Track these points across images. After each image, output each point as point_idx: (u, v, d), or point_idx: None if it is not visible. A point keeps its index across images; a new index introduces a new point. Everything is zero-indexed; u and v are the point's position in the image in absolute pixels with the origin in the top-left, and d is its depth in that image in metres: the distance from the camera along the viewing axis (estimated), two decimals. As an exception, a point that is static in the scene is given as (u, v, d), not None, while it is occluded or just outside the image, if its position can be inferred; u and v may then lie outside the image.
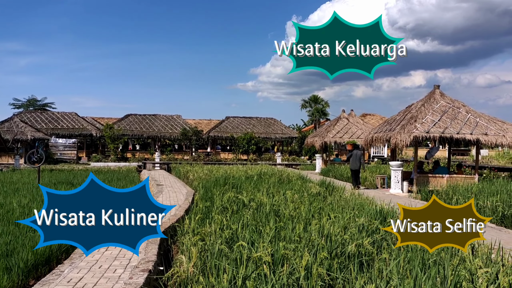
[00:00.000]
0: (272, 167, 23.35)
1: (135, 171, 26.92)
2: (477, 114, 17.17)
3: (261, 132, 44.88)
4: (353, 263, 5.38)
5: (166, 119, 45.98)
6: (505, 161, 32.64)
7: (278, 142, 48.60)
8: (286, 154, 43.69)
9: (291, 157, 41.67)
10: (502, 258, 5.23)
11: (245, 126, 45.90)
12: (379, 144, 19.59)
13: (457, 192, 12.95)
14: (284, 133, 46.04)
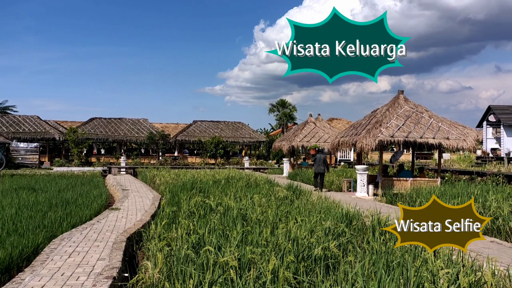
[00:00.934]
0: (240, 171, 23.34)
1: (99, 175, 26.37)
2: (439, 119, 17.65)
3: (229, 136, 44.80)
4: (319, 266, 5.42)
5: (132, 122, 45.31)
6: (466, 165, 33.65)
7: (246, 146, 48.66)
8: (254, 158, 43.76)
9: (259, 161, 41.76)
10: (463, 259, 5.38)
11: (213, 130, 45.72)
12: (345, 148, 19.88)
13: (420, 195, 13.26)
14: (252, 137, 46.11)
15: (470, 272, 4.66)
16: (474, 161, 35.82)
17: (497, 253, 7.30)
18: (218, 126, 47.05)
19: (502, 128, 37.35)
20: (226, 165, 36.41)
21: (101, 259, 6.45)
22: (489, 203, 10.48)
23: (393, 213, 9.02)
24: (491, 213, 9.86)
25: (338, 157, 40.47)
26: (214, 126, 46.88)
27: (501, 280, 4.69)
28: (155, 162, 38.12)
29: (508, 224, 9.12)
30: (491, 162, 32.60)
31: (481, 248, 7.67)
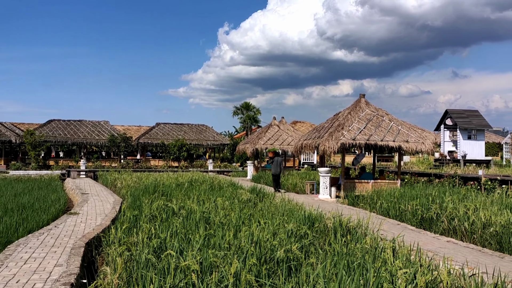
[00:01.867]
0: (203, 174, 23.19)
1: (58, 179, 25.59)
2: (399, 122, 18.10)
3: (192, 138, 44.47)
4: (282, 268, 5.43)
5: (92, 125, 44.29)
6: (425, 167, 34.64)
7: (210, 149, 48.41)
8: (218, 161, 43.60)
9: (223, 163, 41.65)
10: (420, 259, 5.51)
11: (176, 132, 45.27)
12: (308, 150, 20.09)
13: (381, 197, 13.55)
14: (216, 139, 45.94)
15: (427, 271, 4.77)
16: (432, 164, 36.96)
17: (453, 253, 7.53)
18: (182, 129, 46.65)
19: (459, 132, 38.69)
20: (190, 168, 36.12)
21: (59, 265, 6.25)
22: (446, 204, 10.80)
23: (355, 215, 9.16)
24: (447, 214, 10.16)
25: (302, 160, 40.85)
26: (178, 129, 46.44)
27: (456, 279, 4.83)
28: (116, 165, 37.37)
29: (464, 224, 9.43)
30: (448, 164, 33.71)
31: (438, 248, 7.90)
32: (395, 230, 9.56)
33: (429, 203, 11.24)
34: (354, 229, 8.00)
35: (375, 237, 7.11)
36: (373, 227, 8.24)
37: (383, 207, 12.69)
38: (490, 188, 17.28)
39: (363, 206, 14.19)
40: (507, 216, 9.11)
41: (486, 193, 14.72)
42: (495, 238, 8.50)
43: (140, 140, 43.17)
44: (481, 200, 11.42)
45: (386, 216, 12.07)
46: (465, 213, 9.88)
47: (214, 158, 44.36)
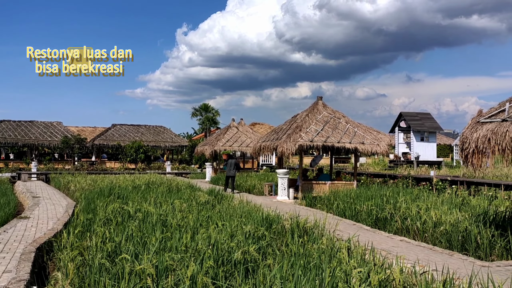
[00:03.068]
0: (161, 176, 22.87)
1: (8, 182, 24.54)
2: (355, 124, 18.49)
3: (150, 140, 43.81)
4: (239, 270, 5.41)
5: (44, 126, 42.81)
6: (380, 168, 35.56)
7: (168, 150, 47.83)
8: (176, 162, 43.13)
9: (181, 165, 41.22)
10: (374, 258, 5.64)
11: (133, 134, 44.45)
12: (267, 152, 20.19)
13: (337, 198, 13.78)
14: (174, 141, 45.43)
15: (380, 270, 4.89)
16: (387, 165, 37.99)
17: (406, 251, 7.76)
18: (139, 130, 45.85)
19: (412, 134, 39.98)
20: (147, 170, 35.51)
21: (7, 271, 5.99)
22: (399, 204, 11.11)
23: (312, 216, 9.27)
24: (401, 213, 10.45)
25: (261, 161, 41.02)
26: (135, 130, 45.62)
27: (408, 277, 4.97)
28: (70, 167, 36.25)
29: (416, 223, 9.72)
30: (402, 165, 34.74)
31: (391, 247, 8.11)
32: (351, 230, 9.74)
33: (384, 203, 11.53)
34: (311, 229, 8.09)
35: (331, 237, 7.22)
36: (329, 227, 8.37)
37: (339, 208, 12.91)
38: (441, 188, 17.93)
39: (320, 207, 14.39)
40: (456, 215, 9.47)
41: (437, 193, 15.26)
42: (445, 237, 8.82)
43: (95, 141, 42.09)
44: (433, 200, 11.82)
45: (342, 216, 12.28)
46: (417, 212, 10.20)
47: (172, 160, 43.84)
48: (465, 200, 12.65)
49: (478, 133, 7.45)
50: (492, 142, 7.15)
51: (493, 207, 11.03)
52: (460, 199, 12.74)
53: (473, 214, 9.65)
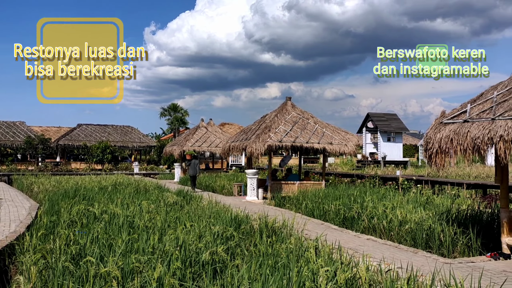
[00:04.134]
0: (129, 177, 22.53)
1: (-33, 184, 23.68)
2: (324, 125, 18.69)
3: (117, 140, 43.09)
4: (207, 271, 5.38)
5: (7, 126, 41.50)
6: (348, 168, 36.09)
7: (136, 151, 47.16)
8: (145, 163, 42.58)
9: (150, 166, 40.71)
10: (341, 257, 5.70)
11: (99, 134, 43.62)
12: (236, 152, 20.18)
13: (306, 198, 13.89)
14: (142, 141, 44.83)
15: (347, 269, 4.94)
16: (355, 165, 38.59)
17: (372, 250, 7.88)
18: (106, 130, 45.03)
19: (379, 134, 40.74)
20: (114, 171, 34.89)
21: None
22: (366, 203, 11.28)
23: (280, 216, 9.30)
24: (367, 213, 10.62)
25: (230, 162, 40.94)
26: (101, 130, 44.77)
27: (374, 275, 5.05)
28: (33, 168, 35.23)
29: (382, 222, 9.89)
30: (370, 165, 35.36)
31: (358, 246, 8.23)
32: (319, 229, 9.83)
33: (351, 203, 11.69)
34: (280, 229, 8.12)
35: (299, 237, 7.26)
36: (298, 227, 8.41)
37: (308, 208, 13.02)
38: (406, 188, 18.32)
39: (289, 207, 14.48)
40: (421, 213, 9.69)
41: (403, 192, 15.58)
42: (410, 235, 9.01)
43: (60, 142, 41.09)
44: (398, 199, 12.05)
45: (311, 216, 12.38)
46: (384, 211, 10.38)
47: (140, 161, 43.24)
48: (429, 199, 12.95)
49: (441, 133, 7.65)
50: (454, 142, 7.35)
51: (455, 206, 11.34)
52: (424, 198, 13.04)
53: (436, 212, 9.89)
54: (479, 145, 7.01)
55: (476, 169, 25.49)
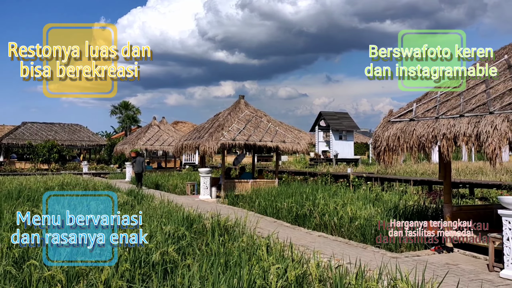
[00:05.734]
0: (77, 176, 21.81)
1: None
2: (277, 123, 18.83)
3: (65, 139, 41.65)
4: (157, 271, 5.28)
5: None
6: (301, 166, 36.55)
7: (85, 150, 45.79)
8: (94, 162, 41.39)
9: (100, 165, 39.63)
10: (293, 254, 5.75)
11: (46, 132, 42.01)
12: (189, 151, 19.99)
13: (259, 196, 13.94)
14: (91, 140, 43.56)
15: (297, 265, 4.99)
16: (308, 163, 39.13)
17: (323, 246, 8.02)
18: (53, 129, 43.42)
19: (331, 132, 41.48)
20: (62, 171, 33.68)
21: None
22: (318, 201, 11.45)
23: (233, 214, 9.28)
24: (319, 210, 10.78)
25: (183, 161, 40.51)
26: (48, 129, 43.13)
27: (324, 271, 5.13)
28: (-25, 168, 33.47)
29: (333, 219, 10.08)
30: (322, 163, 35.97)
31: (309, 243, 8.34)
32: (271, 227, 9.89)
33: (303, 200, 11.83)
34: (232, 228, 8.10)
35: (251, 235, 7.27)
36: (250, 225, 8.42)
37: (261, 206, 13.07)
38: (357, 185, 18.75)
39: (242, 205, 14.48)
40: (370, 210, 9.94)
41: (354, 189, 15.94)
42: (360, 231, 9.22)
43: (3, 140, 39.21)
44: (349, 196, 12.30)
45: (263, 214, 12.44)
46: (335, 208, 10.56)
47: (89, 160, 42.00)
48: (378, 196, 13.32)
49: (389, 131, 7.87)
50: (401, 140, 7.59)
51: (403, 202, 11.74)
52: (374, 194, 13.39)
53: (385, 208, 10.18)
54: (424, 143, 7.27)
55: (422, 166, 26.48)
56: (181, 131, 36.23)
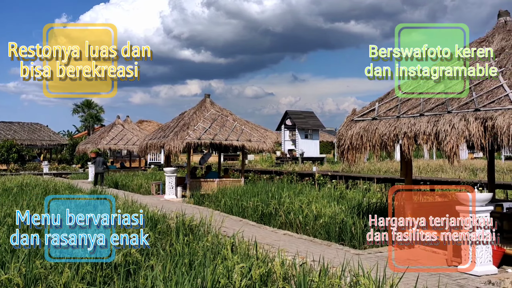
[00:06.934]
0: (37, 177, 21.18)
1: None
2: (243, 122, 18.83)
3: (24, 138, 40.36)
4: (119, 273, 5.17)
5: None
6: (267, 165, 36.72)
7: (45, 149, 44.51)
8: (55, 162, 40.28)
9: (61, 165, 38.60)
10: (257, 253, 5.75)
11: (4, 132, 40.60)
12: (154, 150, 19.73)
13: (225, 195, 13.90)
14: (52, 140, 42.39)
15: (262, 264, 5.00)
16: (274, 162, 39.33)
17: (288, 244, 8.06)
18: (11, 128, 42.00)
19: (297, 131, 41.86)
20: (21, 171, 32.61)
21: None
22: (284, 199, 11.52)
23: (198, 214, 9.22)
24: (284, 208, 10.84)
25: (149, 160, 39.96)
26: (6, 128, 41.69)
27: (289, 269, 5.16)
28: None
29: (298, 217, 10.15)
30: (288, 162, 36.26)
31: (274, 241, 8.37)
32: (237, 226, 9.87)
33: (269, 199, 11.87)
34: (197, 227, 8.04)
35: (217, 234, 7.24)
36: (216, 224, 8.38)
37: (227, 205, 13.04)
38: (322, 183, 18.99)
39: (208, 204, 14.41)
40: (334, 208, 10.08)
41: (319, 187, 16.13)
42: (324, 229, 9.33)
43: (-41, 140, 37.65)
44: (314, 194, 12.44)
45: (229, 213, 12.41)
46: (300, 207, 10.65)
47: (50, 160, 40.85)
48: (342, 194, 13.52)
49: (352, 130, 7.99)
50: (364, 139, 7.71)
51: (366, 199, 11.95)
52: (338, 192, 13.59)
53: (349, 206, 10.34)
54: (386, 142, 7.42)
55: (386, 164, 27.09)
56: (146, 130, 35.70)
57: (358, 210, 9.57)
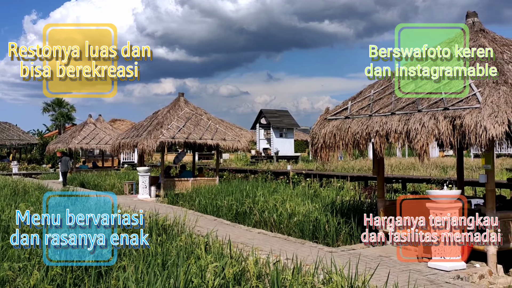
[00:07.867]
0: (6, 177, 20.61)
1: None
2: (217, 121, 18.77)
3: (-7, 138, 39.28)
4: (90, 275, 5.08)
5: None
6: (242, 164, 36.71)
7: (14, 149, 43.41)
8: (25, 162, 39.34)
9: (31, 165, 37.74)
10: (231, 252, 5.74)
11: (-29, 131, 39.42)
12: (127, 150, 19.48)
13: (199, 194, 13.84)
14: (22, 139, 41.37)
15: (236, 263, 4.99)
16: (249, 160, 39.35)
17: (262, 243, 8.08)
18: (-21, 127, 40.82)
19: (272, 130, 41.97)
20: (-10, 171, 31.73)
21: None
22: (258, 198, 11.53)
23: (172, 213, 9.14)
24: (259, 207, 10.86)
25: (122, 160, 39.41)
26: (-27, 127, 40.50)
27: (263, 267, 5.16)
28: None
29: (273, 216, 10.18)
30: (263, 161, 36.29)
31: (249, 240, 8.38)
32: (211, 225, 9.82)
33: (244, 197, 11.87)
34: (171, 227, 7.97)
35: (190, 234, 7.20)
36: (189, 224, 8.32)
37: (201, 204, 12.98)
38: (296, 182, 19.07)
39: (182, 204, 14.31)
40: (308, 206, 10.14)
41: (293, 186, 16.21)
42: (298, 227, 9.38)
43: None
44: (288, 193, 12.49)
45: (204, 212, 12.36)
46: (274, 205, 10.67)
47: (20, 160, 39.86)
48: (316, 192, 13.61)
49: (326, 129, 8.06)
50: (337, 137, 7.79)
51: (340, 197, 12.08)
52: (312, 191, 13.68)
53: (323, 204, 10.43)
54: (359, 140, 7.50)
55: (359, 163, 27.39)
56: (119, 129, 35.18)
57: (332, 208, 9.66)
